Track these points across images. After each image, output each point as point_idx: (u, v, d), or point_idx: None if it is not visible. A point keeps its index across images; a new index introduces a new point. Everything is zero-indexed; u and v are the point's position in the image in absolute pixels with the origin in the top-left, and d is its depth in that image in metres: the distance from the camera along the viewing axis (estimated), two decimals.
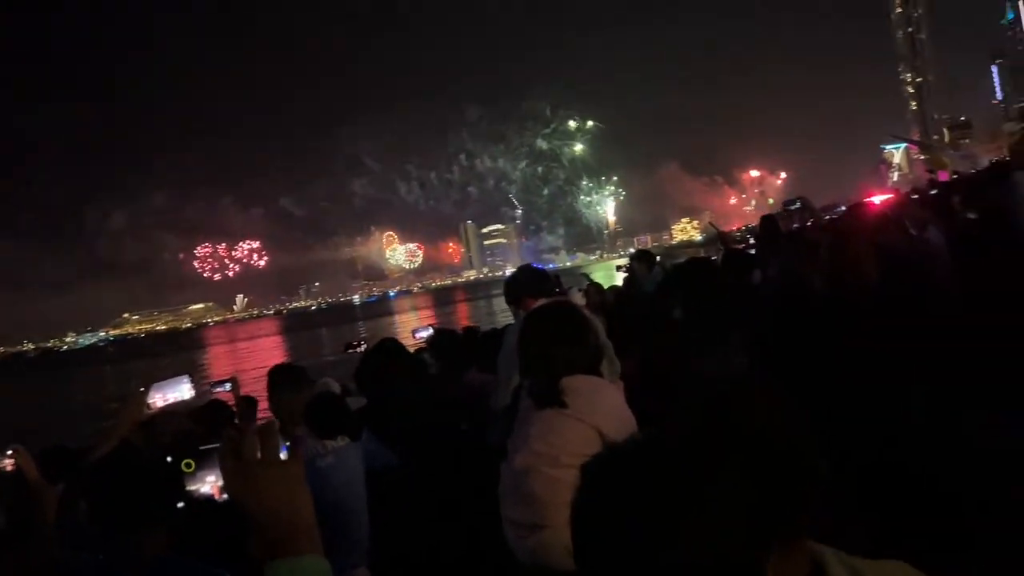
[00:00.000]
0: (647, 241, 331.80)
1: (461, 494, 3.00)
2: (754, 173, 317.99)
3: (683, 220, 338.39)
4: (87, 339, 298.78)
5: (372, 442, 3.43)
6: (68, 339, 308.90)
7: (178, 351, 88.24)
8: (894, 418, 2.96)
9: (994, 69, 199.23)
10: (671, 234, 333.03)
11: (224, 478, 1.08)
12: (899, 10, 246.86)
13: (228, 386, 6.80)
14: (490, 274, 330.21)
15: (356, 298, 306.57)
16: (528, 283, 3.47)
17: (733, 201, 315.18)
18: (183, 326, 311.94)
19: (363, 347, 6.10)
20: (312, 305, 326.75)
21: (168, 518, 2.03)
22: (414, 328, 6.02)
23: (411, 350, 5.14)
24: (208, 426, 4.36)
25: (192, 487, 0.99)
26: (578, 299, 5.35)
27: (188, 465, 1.06)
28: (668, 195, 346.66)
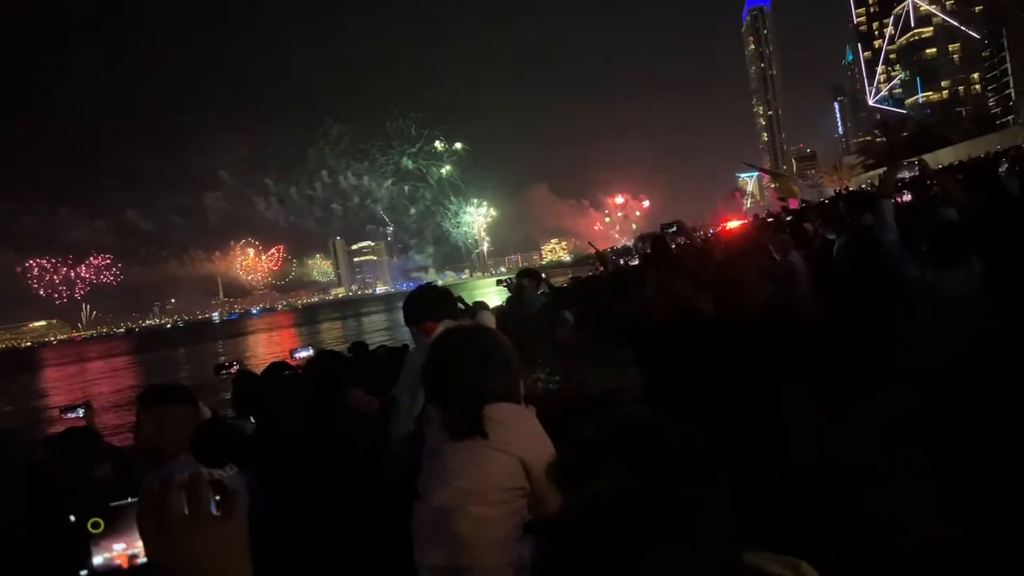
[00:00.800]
0: (518, 260, 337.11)
1: (358, 538, 2.77)
2: (619, 199, 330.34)
3: (552, 241, 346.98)
4: None
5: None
6: None
7: (15, 372, 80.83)
8: (772, 431, 3.09)
9: (836, 106, 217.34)
10: (541, 254, 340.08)
11: (144, 541, 0.87)
12: (752, 47, 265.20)
13: (81, 411, 6.29)
14: (360, 292, 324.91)
15: (215, 316, 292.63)
16: (433, 303, 3.32)
17: (598, 227, 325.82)
18: (23, 344, 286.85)
19: (236, 369, 5.74)
20: (167, 323, 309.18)
21: None
22: (292, 348, 5.71)
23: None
24: (71, 458, 3.96)
25: (99, 556, 0.74)
26: (490, 321, 5.23)
27: (96, 525, 0.79)
28: (536, 217, 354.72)
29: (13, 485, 2.98)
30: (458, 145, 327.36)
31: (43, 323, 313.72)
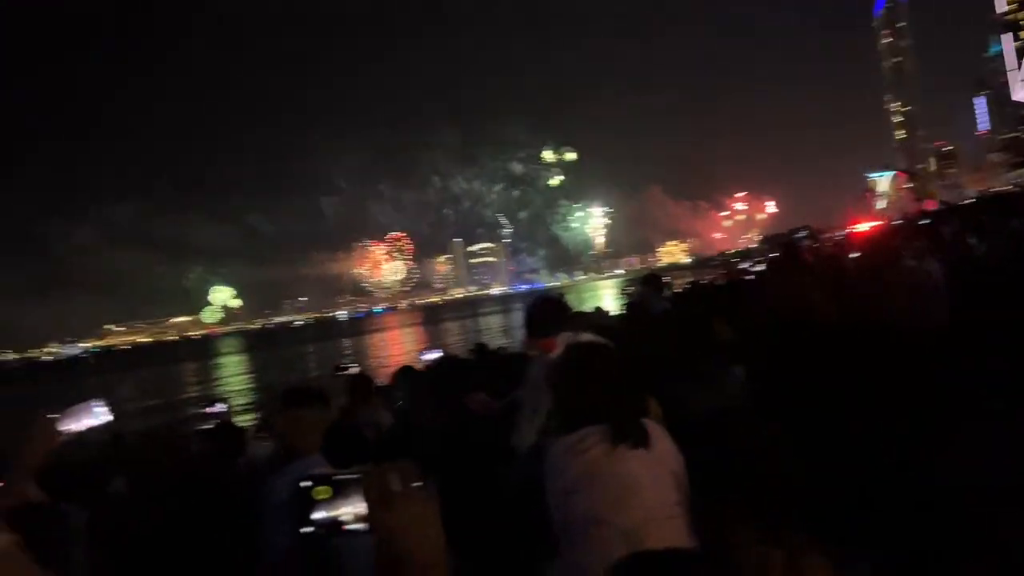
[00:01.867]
0: (635, 262, 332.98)
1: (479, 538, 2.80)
2: (740, 205, 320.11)
3: (669, 243, 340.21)
4: (70, 350, 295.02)
5: None
6: (50, 349, 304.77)
7: (161, 365, 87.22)
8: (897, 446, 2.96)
9: (978, 101, 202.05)
10: (657, 256, 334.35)
11: (370, 509, 1.14)
12: (886, 40, 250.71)
13: (223, 407, 6.79)
14: (477, 292, 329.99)
15: (342, 314, 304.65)
16: (551, 318, 3.33)
17: (718, 235, 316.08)
18: (166, 337, 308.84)
19: (353, 370, 6.02)
20: (297, 320, 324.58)
21: None
22: (422, 350, 5.91)
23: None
24: (221, 449, 4.29)
25: (325, 514, 0.99)
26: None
27: (325, 493, 1.06)
28: (653, 218, 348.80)
29: (182, 476, 3.24)
30: (571, 155, 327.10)
31: (186, 318, 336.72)
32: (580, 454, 2.04)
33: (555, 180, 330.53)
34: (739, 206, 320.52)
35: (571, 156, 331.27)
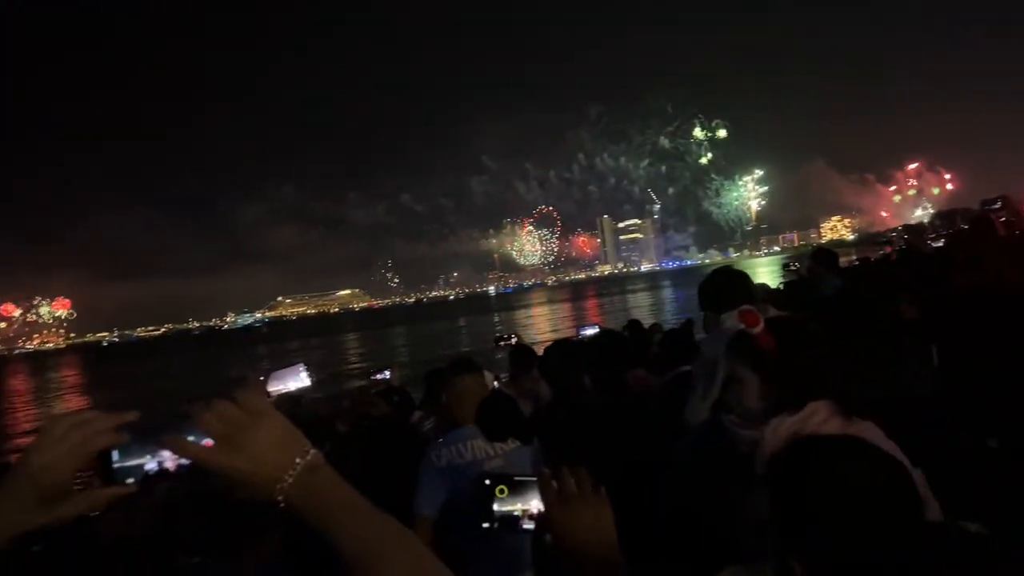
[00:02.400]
0: (793, 239, 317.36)
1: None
2: (912, 177, 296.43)
3: (833, 218, 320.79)
4: (245, 319, 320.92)
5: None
6: (228, 319, 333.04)
7: (332, 334, 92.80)
8: None
9: None
10: (820, 232, 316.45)
11: (547, 509, 1.28)
12: None
13: (387, 373, 7.10)
14: (625, 269, 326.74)
15: (492, 289, 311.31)
16: (735, 291, 3.20)
17: (891, 204, 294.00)
18: (332, 310, 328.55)
19: (514, 341, 6.05)
20: (450, 295, 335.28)
21: None
22: (578, 326, 5.89)
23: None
24: (396, 409, 4.53)
25: (501, 508, 1.22)
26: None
27: (502, 491, 1.29)
28: (814, 193, 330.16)
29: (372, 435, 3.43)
30: (722, 132, 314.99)
31: (348, 291, 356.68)
32: (817, 429, 1.97)
33: (704, 159, 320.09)
34: (912, 177, 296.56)
35: (722, 133, 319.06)
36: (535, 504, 1.32)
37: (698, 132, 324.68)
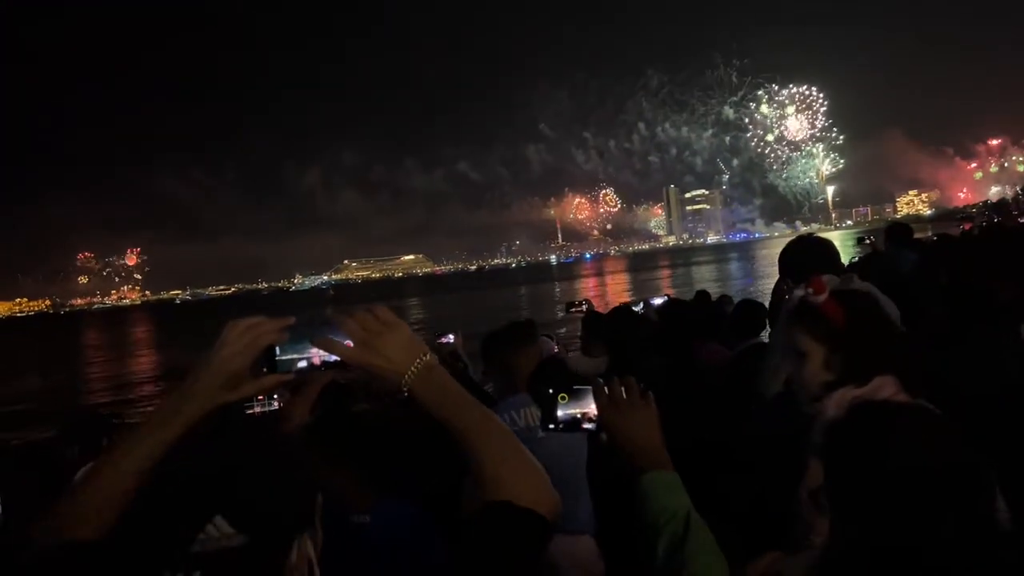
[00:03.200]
0: (867, 214, 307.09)
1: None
2: (994, 142, 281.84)
3: (910, 192, 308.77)
4: (311, 281, 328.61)
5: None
6: (296, 281, 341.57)
7: (396, 298, 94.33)
8: None
9: None
10: (895, 207, 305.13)
11: (600, 411, 1.61)
12: None
13: (451, 337, 7.18)
14: (691, 241, 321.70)
15: (553, 258, 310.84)
16: (819, 259, 3.06)
17: (971, 180, 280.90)
18: (396, 275, 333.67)
19: (585, 308, 6.00)
20: (512, 263, 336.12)
21: None
22: (647, 296, 5.81)
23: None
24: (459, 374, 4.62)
25: (562, 412, 1.62)
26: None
27: (563, 398, 1.64)
28: (890, 166, 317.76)
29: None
30: (790, 110, 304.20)
31: (411, 257, 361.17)
32: None
33: (771, 135, 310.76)
34: (994, 145, 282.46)
35: (790, 110, 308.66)
36: (591, 408, 1.64)
37: (765, 108, 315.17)
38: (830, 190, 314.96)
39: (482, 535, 1.18)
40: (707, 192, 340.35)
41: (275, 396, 3.33)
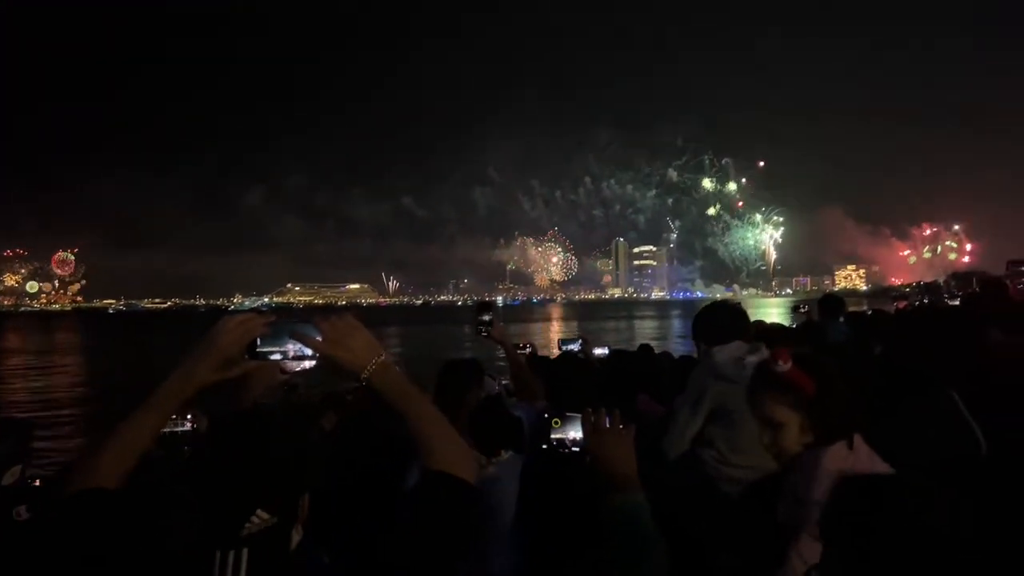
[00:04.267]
0: (807, 284, 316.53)
1: None
2: (928, 232, 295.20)
3: (848, 267, 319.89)
4: (251, 303, 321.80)
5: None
6: (235, 300, 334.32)
7: None
8: None
9: None
10: (834, 280, 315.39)
11: (586, 436, 1.88)
12: None
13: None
14: (635, 295, 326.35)
15: (500, 299, 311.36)
16: (730, 327, 3.13)
17: (913, 260, 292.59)
18: (339, 303, 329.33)
19: (529, 351, 5.99)
20: (458, 300, 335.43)
21: None
22: (562, 339, 5.83)
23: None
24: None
25: (555, 436, 1.97)
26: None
27: (556, 422, 1.97)
28: (828, 240, 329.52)
29: None
30: (731, 186, 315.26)
31: (357, 286, 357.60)
32: (867, 466, 2.02)
33: (713, 209, 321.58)
34: (926, 245, 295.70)
35: (732, 187, 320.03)
36: (579, 434, 1.93)
37: (707, 183, 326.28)
38: (772, 258, 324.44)
39: (431, 495, 1.58)
40: (655, 249, 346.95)
41: (188, 416, 3.57)
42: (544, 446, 1.95)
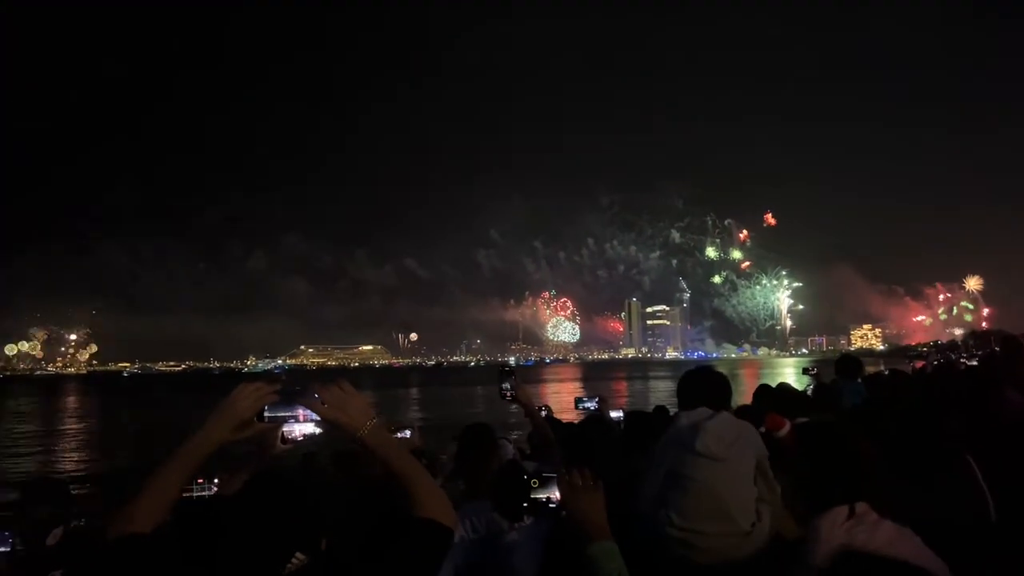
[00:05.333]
0: (823, 344, 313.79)
1: None
2: (943, 296, 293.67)
3: (864, 326, 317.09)
4: (265, 364, 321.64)
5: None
6: (249, 362, 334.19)
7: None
8: None
9: None
10: (850, 339, 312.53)
11: (562, 493, 2.20)
12: None
13: (408, 433, 7.09)
14: (649, 354, 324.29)
15: (512, 359, 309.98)
16: (710, 394, 3.13)
17: (929, 322, 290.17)
18: (352, 364, 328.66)
19: (544, 413, 6.00)
20: (471, 361, 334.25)
21: None
22: (578, 397, 5.81)
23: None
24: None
25: (536, 495, 2.31)
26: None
27: (535, 482, 2.29)
28: (841, 299, 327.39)
29: None
30: (736, 254, 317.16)
31: (369, 347, 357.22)
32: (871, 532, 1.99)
33: (718, 277, 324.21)
34: (940, 308, 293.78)
35: (736, 255, 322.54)
36: (556, 492, 2.22)
37: (711, 252, 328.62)
38: (786, 318, 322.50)
39: (420, 539, 1.88)
40: (667, 308, 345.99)
41: (215, 481, 3.82)
42: (525, 504, 2.30)
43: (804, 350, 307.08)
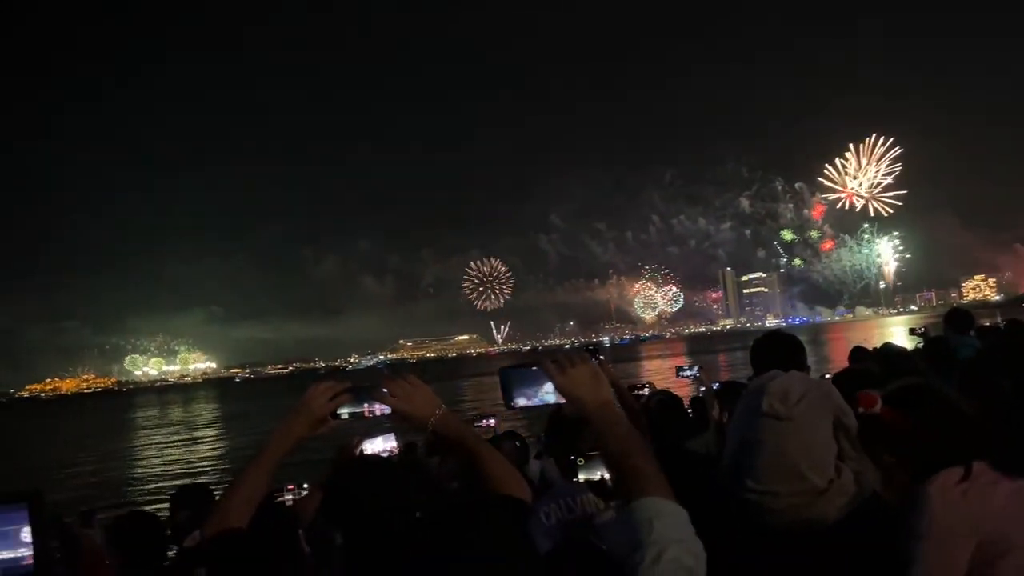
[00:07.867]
0: (931, 298, 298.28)
1: None
2: None
3: (976, 277, 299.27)
4: (367, 360, 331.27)
5: None
6: (352, 360, 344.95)
7: (449, 379, 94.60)
8: None
9: None
10: (961, 292, 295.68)
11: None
12: None
13: (492, 421, 7.31)
14: (748, 324, 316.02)
15: (606, 339, 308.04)
16: (777, 358, 3.05)
17: None
18: (449, 354, 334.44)
19: (646, 391, 6.00)
20: (565, 344, 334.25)
21: None
22: (679, 366, 5.80)
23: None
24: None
25: (584, 474, 2.51)
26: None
27: (580, 461, 2.45)
28: (950, 251, 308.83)
29: None
30: (814, 233, 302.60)
31: (466, 337, 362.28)
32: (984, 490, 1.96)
33: (789, 234, 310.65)
34: None
35: (814, 235, 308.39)
36: (604, 473, 2.28)
37: (786, 234, 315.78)
38: (891, 273, 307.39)
39: (496, 513, 1.92)
40: (764, 275, 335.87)
41: (304, 485, 4.41)
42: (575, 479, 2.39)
43: (913, 307, 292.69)
